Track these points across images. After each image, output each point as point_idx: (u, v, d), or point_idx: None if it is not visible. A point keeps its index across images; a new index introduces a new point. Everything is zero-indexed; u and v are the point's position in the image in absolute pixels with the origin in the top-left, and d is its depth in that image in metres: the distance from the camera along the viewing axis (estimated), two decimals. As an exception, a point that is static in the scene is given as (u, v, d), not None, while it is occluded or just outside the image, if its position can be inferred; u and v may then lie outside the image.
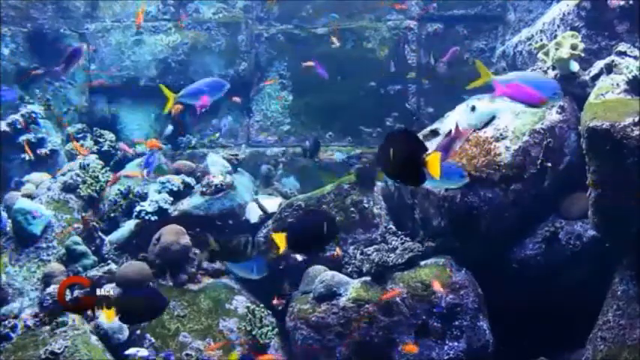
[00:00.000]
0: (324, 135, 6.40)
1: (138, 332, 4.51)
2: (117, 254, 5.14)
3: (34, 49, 6.63)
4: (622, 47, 4.30)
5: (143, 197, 5.39)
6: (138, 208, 5.21)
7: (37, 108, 6.26)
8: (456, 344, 4.13)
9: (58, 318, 4.25)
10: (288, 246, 3.00)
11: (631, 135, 3.30)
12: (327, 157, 6.32)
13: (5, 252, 5.03)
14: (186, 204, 5.32)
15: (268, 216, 5.30)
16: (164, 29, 6.69)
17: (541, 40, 4.84)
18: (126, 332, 4.44)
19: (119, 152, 6.34)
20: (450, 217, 4.22)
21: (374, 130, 6.31)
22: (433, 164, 2.36)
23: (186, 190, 5.43)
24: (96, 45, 6.74)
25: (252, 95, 6.64)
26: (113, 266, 4.89)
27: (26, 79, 6.49)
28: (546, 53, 4.46)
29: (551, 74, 4.46)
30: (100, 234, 5.22)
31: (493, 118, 4.40)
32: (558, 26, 4.78)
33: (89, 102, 6.78)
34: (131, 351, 4.29)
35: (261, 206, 5.37)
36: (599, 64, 4.32)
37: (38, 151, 6.03)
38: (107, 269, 4.85)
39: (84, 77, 6.77)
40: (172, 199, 5.30)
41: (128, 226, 5.30)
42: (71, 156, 6.18)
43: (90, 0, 6.83)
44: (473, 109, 4.46)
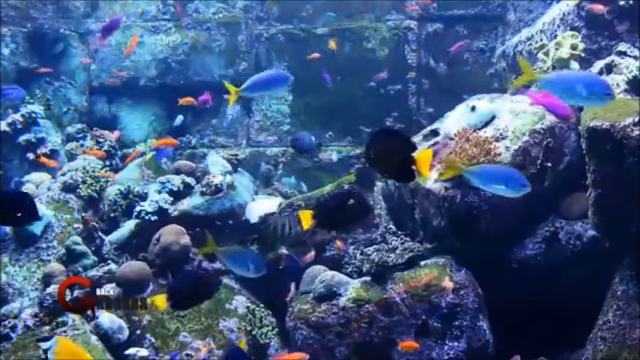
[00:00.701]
0: (324, 135, 6.40)
1: (138, 332, 4.51)
2: (117, 254, 5.14)
3: (34, 49, 6.64)
4: (622, 47, 4.30)
5: (143, 197, 5.39)
6: (138, 208, 5.21)
7: (37, 108, 6.26)
8: (456, 344, 4.12)
9: (58, 318, 4.24)
10: (316, 222, 2.95)
11: (631, 135, 3.29)
12: (327, 157, 6.33)
13: (5, 252, 5.04)
14: (186, 204, 5.32)
15: (268, 216, 5.29)
16: (164, 29, 6.69)
17: (541, 40, 4.84)
18: (126, 332, 4.44)
19: (119, 152, 6.35)
20: (450, 217, 4.22)
21: (374, 130, 6.31)
22: (422, 162, 2.36)
23: (186, 190, 5.42)
24: (96, 45, 6.75)
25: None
26: (113, 266, 4.89)
27: (31, 77, 6.50)
28: (546, 53, 4.47)
29: (551, 74, 4.46)
30: (100, 234, 5.21)
31: (493, 118, 4.40)
32: (558, 26, 4.78)
33: (89, 102, 6.79)
34: (131, 351, 4.29)
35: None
36: (599, 64, 4.31)
37: (38, 151, 6.04)
38: (107, 269, 4.85)
39: (84, 77, 6.77)
40: (172, 199, 5.30)
41: (128, 226, 5.30)
42: (71, 156, 6.18)
43: (90, 0, 6.83)
44: (473, 109, 4.46)
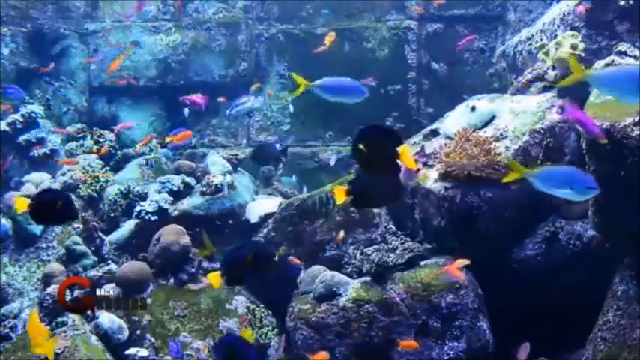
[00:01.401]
0: (324, 135, 6.39)
1: (138, 332, 4.51)
2: (117, 254, 5.14)
3: (34, 49, 6.64)
4: (622, 47, 4.29)
5: (143, 197, 5.39)
6: (138, 208, 5.20)
7: (37, 108, 6.26)
8: (456, 344, 4.12)
9: (58, 318, 4.25)
10: (351, 200, 3.00)
11: (631, 135, 3.29)
12: (327, 157, 6.32)
13: (5, 252, 5.04)
14: (186, 204, 5.32)
15: (268, 216, 5.29)
16: (164, 29, 6.69)
17: (541, 40, 4.84)
18: (126, 332, 4.44)
19: (119, 152, 6.34)
20: (450, 217, 4.22)
21: (374, 130, 6.31)
22: (406, 155, 2.38)
23: (186, 190, 5.43)
24: (96, 45, 6.75)
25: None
26: (113, 266, 4.89)
27: (32, 76, 6.49)
28: (546, 53, 4.46)
29: (551, 74, 4.46)
30: (100, 234, 5.21)
31: (493, 118, 4.40)
32: (558, 26, 4.78)
33: (89, 102, 6.79)
34: (131, 351, 4.29)
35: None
36: (599, 64, 4.31)
37: (38, 151, 6.04)
38: (107, 269, 4.85)
39: (84, 77, 6.77)
40: (172, 199, 5.30)
41: (128, 226, 5.30)
42: (71, 156, 6.18)
43: (90, 0, 6.83)
44: (473, 109, 4.46)
